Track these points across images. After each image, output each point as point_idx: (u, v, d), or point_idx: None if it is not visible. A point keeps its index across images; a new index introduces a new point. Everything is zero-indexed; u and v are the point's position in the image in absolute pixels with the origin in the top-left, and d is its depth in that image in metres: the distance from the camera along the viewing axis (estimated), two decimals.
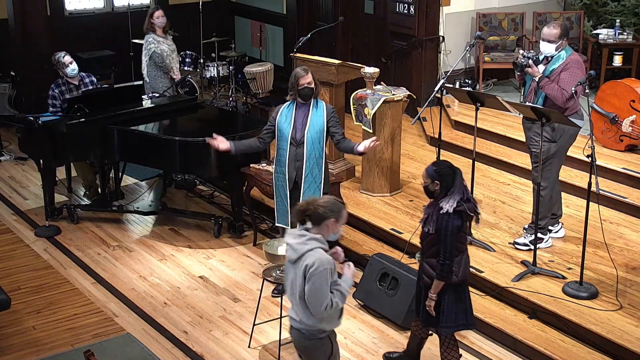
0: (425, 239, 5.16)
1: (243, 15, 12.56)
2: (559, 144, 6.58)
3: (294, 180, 6.46)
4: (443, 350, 5.34)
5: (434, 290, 5.11)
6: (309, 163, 6.40)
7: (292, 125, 6.40)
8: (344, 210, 4.53)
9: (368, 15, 10.53)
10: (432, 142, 9.12)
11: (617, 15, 10.14)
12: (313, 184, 6.43)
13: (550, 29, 6.49)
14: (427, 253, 5.15)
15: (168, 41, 9.15)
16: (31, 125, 7.81)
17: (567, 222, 7.24)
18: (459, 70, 10.13)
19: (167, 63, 8.99)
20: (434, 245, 5.09)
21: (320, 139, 6.39)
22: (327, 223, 4.46)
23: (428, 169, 5.10)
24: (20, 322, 6.38)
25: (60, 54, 8.20)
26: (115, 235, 7.91)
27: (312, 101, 6.41)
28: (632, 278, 6.45)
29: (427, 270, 5.17)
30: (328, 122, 6.41)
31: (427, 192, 5.15)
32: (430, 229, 5.07)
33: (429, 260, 5.15)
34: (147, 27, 9.11)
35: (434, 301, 5.14)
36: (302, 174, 6.41)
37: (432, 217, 5.06)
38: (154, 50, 8.94)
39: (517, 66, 6.57)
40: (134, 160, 8.13)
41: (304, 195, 6.42)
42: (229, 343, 6.14)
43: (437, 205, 5.06)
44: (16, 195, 8.80)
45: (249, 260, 7.40)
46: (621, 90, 8.09)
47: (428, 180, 5.08)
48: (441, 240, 5.02)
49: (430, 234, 5.08)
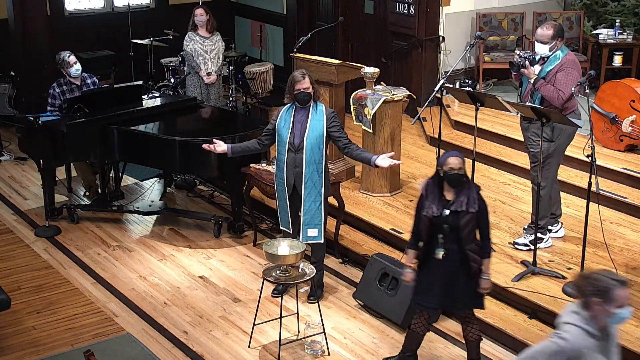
0: (465, 227, 5.18)
1: (243, 15, 12.57)
2: (557, 143, 6.58)
3: (292, 186, 6.38)
4: (474, 325, 5.48)
5: (487, 269, 5.28)
6: (308, 169, 6.30)
7: (290, 130, 6.30)
8: (616, 291, 3.80)
9: (368, 15, 10.53)
10: (432, 142, 9.12)
11: (617, 15, 10.14)
12: (314, 190, 6.34)
13: (543, 30, 6.49)
14: (467, 240, 5.22)
15: (207, 40, 9.14)
16: (31, 125, 7.81)
17: (567, 222, 7.24)
18: (459, 70, 10.13)
19: (194, 63, 9.04)
20: (473, 231, 5.21)
21: (319, 144, 6.29)
22: (591, 301, 3.84)
23: (461, 156, 5.18)
24: (20, 322, 6.38)
25: (65, 53, 8.20)
26: (115, 235, 7.91)
27: (311, 105, 6.33)
28: (632, 278, 6.44)
29: (474, 257, 5.25)
30: (328, 127, 6.30)
31: (460, 181, 5.19)
32: (474, 208, 5.16)
33: (471, 246, 5.24)
34: (190, 24, 9.17)
35: (490, 280, 5.30)
36: (301, 180, 6.32)
37: (472, 197, 5.17)
38: (183, 49, 9.04)
39: (513, 66, 6.58)
40: (134, 160, 8.13)
41: (305, 201, 6.35)
42: (229, 343, 6.14)
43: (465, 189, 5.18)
44: (16, 195, 8.81)
45: (249, 260, 7.40)
46: (621, 90, 8.09)
47: (464, 166, 5.20)
48: (482, 218, 5.21)
49: (470, 212, 5.15)
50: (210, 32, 9.19)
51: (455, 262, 5.26)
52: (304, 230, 6.42)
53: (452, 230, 5.20)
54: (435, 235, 5.26)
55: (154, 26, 11.16)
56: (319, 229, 6.40)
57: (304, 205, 6.36)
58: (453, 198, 5.20)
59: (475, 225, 5.23)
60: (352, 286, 6.86)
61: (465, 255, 5.23)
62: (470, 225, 5.20)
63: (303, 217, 6.39)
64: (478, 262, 5.26)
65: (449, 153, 5.24)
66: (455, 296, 5.33)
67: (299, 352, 6.02)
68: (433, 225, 5.24)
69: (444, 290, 5.32)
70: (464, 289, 5.31)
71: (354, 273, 7.13)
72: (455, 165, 5.15)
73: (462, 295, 5.33)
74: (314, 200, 6.35)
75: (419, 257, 5.42)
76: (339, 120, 6.53)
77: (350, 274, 7.15)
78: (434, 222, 5.23)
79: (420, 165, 8.76)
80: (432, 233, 5.28)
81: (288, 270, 5.86)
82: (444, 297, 5.35)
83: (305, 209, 6.37)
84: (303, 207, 6.37)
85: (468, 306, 5.43)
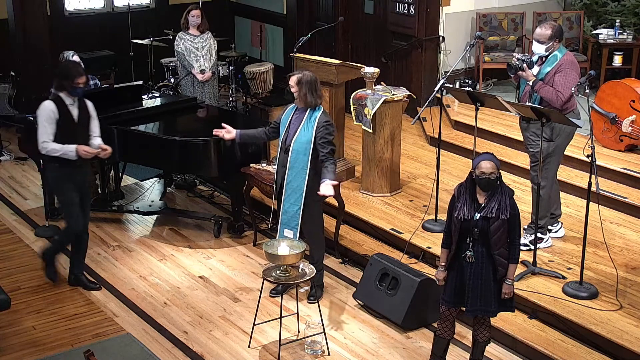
0: (495, 232, 5.14)
1: (243, 15, 12.57)
2: (556, 142, 6.59)
3: (280, 184, 6.46)
4: (487, 328, 5.46)
5: (513, 274, 5.24)
6: (291, 172, 6.33)
7: (285, 129, 6.37)
8: None
9: (368, 15, 10.54)
10: (432, 142, 9.13)
11: (617, 15, 10.15)
12: (294, 193, 6.36)
13: (542, 29, 6.50)
14: (498, 245, 5.17)
15: (197, 38, 9.15)
16: (31, 125, 7.79)
17: (567, 222, 7.24)
18: (459, 70, 10.13)
19: (185, 62, 9.06)
20: (503, 236, 5.16)
21: (306, 150, 6.25)
22: None
23: (495, 161, 5.13)
24: (20, 322, 6.38)
25: (69, 52, 8.20)
26: (115, 235, 7.91)
27: (309, 109, 6.30)
28: (632, 278, 6.45)
29: (501, 262, 5.20)
30: (316, 136, 6.23)
31: (490, 184, 5.14)
32: (505, 215, 5.12)
33: (500, 251, 5.19)
34: (182, 23, 9.19)
35: (513, 286, 5.26)
36: (285, 180, 6.38)
37: (504, 203, 5.13)
38: (175, 49, 9.05)
39: (511, 68, 6.59)
40: (134, 160, 8.13)
41: (285, 202, 6.40)
42: (229, 343, 6.14)
43: (497, 194, 5.13)
44: (16, 195, 8.80)
45: (249, 260, 7.40)
46: (621, 90, 8.09)
47: (496, 171, 5.13)
48: (512, 225, 5.16)
49: (501, 219, 5.12)
50: (201, 32, 9.20)
51: (483, 265, 5.22)
52: (281, 228, 6.51)
53: (482, 234, 5.16)
54: (465, 237, 5.22)
55: (154, 26, 11.19)
56: (294, 232, 6.43)
57: (283, 205, 6.45)
58: (485, 202, 5.16)
59: (506, 231, 5.17)
60: (352, 286, 6.86)
61: (494, 259, 5.20)
62: (500, 230, 5.14)
63: (281, 215, 6.47)
64: (505, 267, 5.22)
65: (482, 156, 5.18)
66: (482, 299, 5.25)
67: (299, 352, 6.02)
68: (463, 228, 5.20)
69: (472, 292, 5.26)
70: (491, 293, 5.24)
71: (354, 273, 7.13)
72: (487, 170, 5.10)
73: (489, 298, 5.25)
74: (293, 203, 6.38)
75: (449, 258, 5.35)
76: (332, 131, 6.30)
77: (350, 274, 7.15)
78: (464, 225, 5.19)
79: (420, 165, 8.77)
80: (462, 235, 5.23)
81: (288, 270, 5.85)
82: (471, 299, 5.27)
83: (284, 208, 6.45)
84: (282, 206, 6.45)
85: (501, 309, 5.36)
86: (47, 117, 6.42)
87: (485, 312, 5.33)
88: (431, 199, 7.35)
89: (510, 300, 5.33)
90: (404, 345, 6.10)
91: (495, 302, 5.28)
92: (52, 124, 6.42)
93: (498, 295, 5.26)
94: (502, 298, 5.26)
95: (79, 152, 6.45)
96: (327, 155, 6.23)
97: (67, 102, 6.50)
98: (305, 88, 6.26)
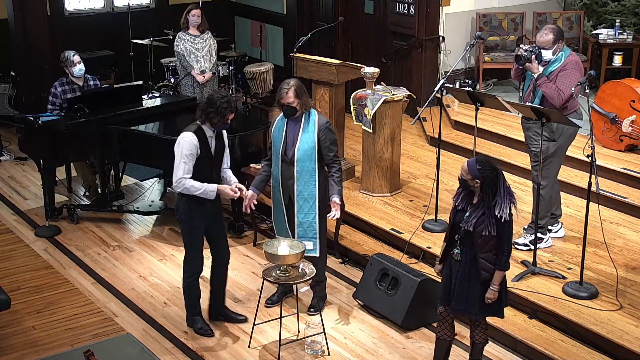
0: (478, 238, 5.12)
1: (243, 15, 12.57)
2: (558, 143, 6.59)
3: (289, 197, 6.28)
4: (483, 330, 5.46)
5: (497, 281, 5.19)
6: (300, 181, 6.18)
7: (283, 140, 6.17)
8: None
9: (368, 15, 10.54)
10: (432, 142, 9.13)
11: (617, 15, 10.15)
12: (306, 203, 6.22)
13: (543, 36, 6.48)
14: (484, 249, 5.15)
15: (197, 38, 9.15)
16: (31, 125, 7.81)
17: (567, 222, 7.24)
18: (459, 70, 10.13)
19: (185, 62, 9.06)
20: (490, 241, 5.13)
21: (311, 156, 6.13)
22: None
23: (471, 167, 5.08)
24: (20, 322, 6.38)
25: (70, 52, 8.20)
26: (115, 235, 7.91)
27: (303, 115, 6.13)
28: (632, 278, 6.45)
29: (486, 266, 5.18)
30: (320, 139, 6.11)
31: (464, 185, 5.16)
32: (490, 231, 5.08)
33: (486, 255, 5.17)
34: (182, 23, 9.18)
35: (497, 292, 5.21)
36: (294, 192, 6.22)
37: (489, 220, 5.07)
38: (175, 49, 9.05)
39: (519, 59, 6.51)
40: (134, 160, 8.13)
41: (298, 214, 6.25)
42: (229, 343, 6.14)
43: (482, 206, 5.08)
44: (16, 195, 8.80)
45: (249, 260, 7.40)
46: (621, 90, 8.09)
47: (468, 176, 5.09)
48: (500, 238, 5.12)
49: (490, 235, 5.09)
50: (201, 31, 9.20)
51: (469, 266, 5.22)
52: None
53: (467, 234, 5.16)
54: (455, 234, 5.25)
55: (154, 26, 11.18)
56: (314, 242, 6.28)
57: (297, 218, 6.27)
58: (474, 205, 5.16)
59: (492, 238, 5.13)
60: (352, 286, 6.86)
61: (478, 261, 5.19)
62: (484, 236, 5.12)
63: (297, 229, 6.30)
64: (489, 272, 5.18)
65: (470, 159, 5.18)
66: (467, 300, 5.25)
67: (299, 352, 6.02)
68: (456, 221, 5.23)
69: (458, 292, 5.27)
70: (475, 295, 5.23)
71: (354, 273, 7.12)
72: (461, 172, 5.13)
73: (473, 301, 5.24)
74: (307, 213, 6.25)
75: (443, 251, 5.39)
76: (334, 132, 6.26)
77: (350, 274, 7.15)
78: (455, 221, 5.23)
79: (420, 165, 8.77)
80: (453, 231, 5.26)
81: (288, 270, 5.86)
82: (456, 298, 5.28)
83: (298, 221, 6.28)
84: (297, 220, 6.29)
85: (484, 313, 5.34)
86: (189, 153, 5.84)
87: (467, 313, 5.33)
88: (431, 199, 7.35)
89: (498, 305, 5.29)
90: (404, 345, 6.10)
91: (479, 305, 5.25)
92: (193, 160, 5.86)
93: (482, 298, 5.24)
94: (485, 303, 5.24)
95: (220, 193, 5.99)
96: (333, 158, 6.17)
97: (208, 135, 5.95)
98: (302, 95, 6.11)
